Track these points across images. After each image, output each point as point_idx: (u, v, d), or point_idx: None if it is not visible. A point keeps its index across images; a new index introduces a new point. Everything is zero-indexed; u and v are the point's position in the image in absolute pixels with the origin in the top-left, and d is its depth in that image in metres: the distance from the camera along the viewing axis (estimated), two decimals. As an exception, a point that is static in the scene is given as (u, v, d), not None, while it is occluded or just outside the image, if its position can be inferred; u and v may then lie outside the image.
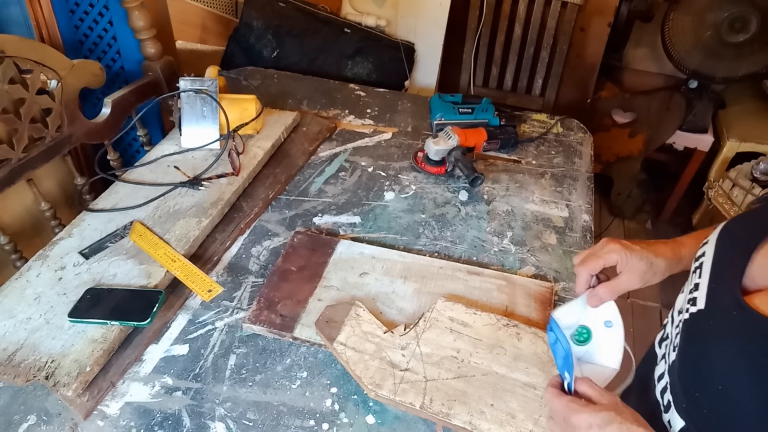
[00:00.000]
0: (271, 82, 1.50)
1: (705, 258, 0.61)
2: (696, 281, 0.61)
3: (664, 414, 0.61)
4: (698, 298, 0.58)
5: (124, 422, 0.72)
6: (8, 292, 0.85)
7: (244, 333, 0.84)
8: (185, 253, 0.92)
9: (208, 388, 0.76)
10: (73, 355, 0.75)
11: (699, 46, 1.84)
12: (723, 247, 0.60)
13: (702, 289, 0.58)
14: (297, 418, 0.73)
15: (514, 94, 1.97)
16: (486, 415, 0.70)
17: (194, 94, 1.12)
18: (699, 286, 0.59)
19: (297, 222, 1.04)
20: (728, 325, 0.53)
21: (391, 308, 0.86)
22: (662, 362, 0.65)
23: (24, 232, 1.16)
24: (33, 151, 1.03)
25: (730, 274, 0.56)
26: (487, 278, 0.91)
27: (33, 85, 1.00)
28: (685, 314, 0.60)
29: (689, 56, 1.89)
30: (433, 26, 1.84)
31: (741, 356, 0.50)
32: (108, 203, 1.02)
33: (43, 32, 1.22)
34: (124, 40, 1.33)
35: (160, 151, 1.15)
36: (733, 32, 1.78)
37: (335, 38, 1.73)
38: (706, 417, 0.54)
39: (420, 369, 0.75)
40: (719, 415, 0.52)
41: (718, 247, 0.61)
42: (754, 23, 1.74)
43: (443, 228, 1.04)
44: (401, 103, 1.43)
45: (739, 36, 1.77)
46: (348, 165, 1.20)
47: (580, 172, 1.20)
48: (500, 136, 1.23)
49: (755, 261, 0.55)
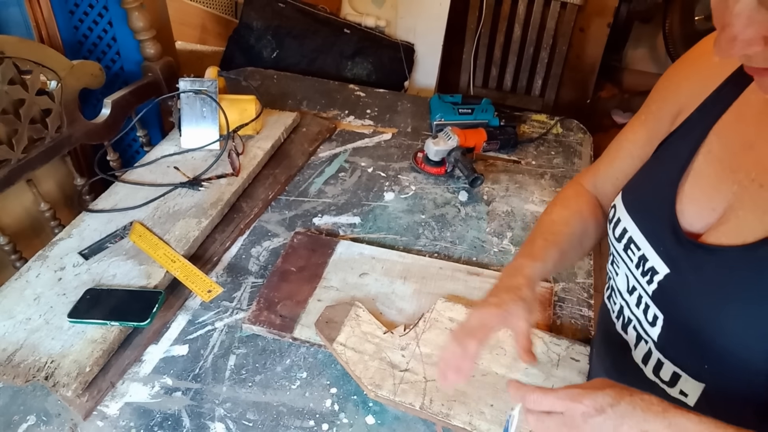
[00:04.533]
0: (271, 82, 1.50)
1: (630, 233, 0.63)
2: (638, 255, 0.61)
3: (670, 389, 0.61)
4: (655, 266, 0.59)
5: (123, 422, 0.72)
6: (8, 292, 0.85)
7: (243, 333, 0.84)
8: (185, 254, 0.92)
9: (208, 389, 0.76)
10: (73, 355, 0.75)
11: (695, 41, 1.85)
12: (640, 214, 0.62)
13: (653, 257, 0.59)
14: (297, 419, 0.73)
15: (513, 95, 1.98)
16: (486, 416, 0.70)
17: (194, 95, 1.12)
18: (647, 257, 0.60)
19: (297, 222, 1.04)
20: (706, 271, 0.54)
21: (390, 309, 0.86)
22: (641, 344, 0.64)
23: (24, 233, 1.16)
24: (33, 151, 1.03)
25: (668, 231, 0.58)
26: (487, 279, 0.91)
27: (33, 85, 1.00)
28: (648, 287, 0.60)
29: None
30: (433, 27, 1.84)
31: (743, 290, 0.51)
32: (108, 204, 1.02)
33: (42, 33, 1.22)
34: (124, 40, 1.33)
35: (160, 152, 1.15)
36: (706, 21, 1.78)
37: (335, 39, 1.73)
38: (724, 369, 0.54)
39: (420, 369, 0.75)
40: (737, 361, 0.52)
41: (636, 218, 0.62)
42: None
43: (443, 228, 1.04)
44: (401, 104, 1.43)
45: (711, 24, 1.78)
46: (348, 165, 1.20)
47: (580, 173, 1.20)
48: (500, 136, 1.23)
49: (683, 210, 0.58)
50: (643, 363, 0.64)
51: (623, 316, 0.67)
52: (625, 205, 0.65)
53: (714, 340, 0.54)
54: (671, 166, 0.61)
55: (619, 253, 0.65)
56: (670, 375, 0.60)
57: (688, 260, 0.56)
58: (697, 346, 0.56)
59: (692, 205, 0.58)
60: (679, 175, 0.60)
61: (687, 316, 0.56)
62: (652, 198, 0.62)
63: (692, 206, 0.58)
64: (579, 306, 0.89)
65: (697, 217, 0.57)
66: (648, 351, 0.63)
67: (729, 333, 0.53)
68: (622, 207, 0.65)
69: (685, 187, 0.59)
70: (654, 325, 0.61)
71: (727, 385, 0.56)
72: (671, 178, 0.60)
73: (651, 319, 0.61)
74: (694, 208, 0.58)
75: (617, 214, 0.66)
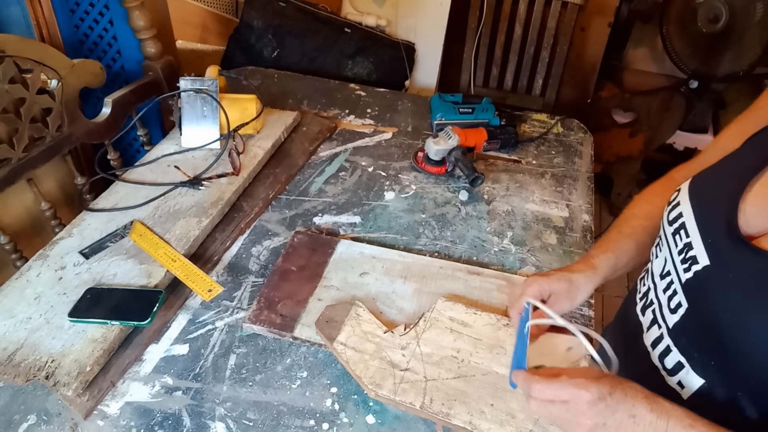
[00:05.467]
0: (272, 81, 1.50)
1: (684, 219, 0.62)
2: (684, 242, 0.61)
3: (670, 377, 0.62)
4: (697, 256, 0.58)
5: (124, 422, 0.72)
6: (8, 291, 0.85)
7: (244, 333, 0.84)
8: (185, 253, 0.92)
9: (208, 388, 0.76)
10: (73, 354, 0.75)
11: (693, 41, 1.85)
12: (700, 204, 0.61)
13: (698, 247, 0.59)
14: (297, 418, 0.73)
15: (514, 94, 1.97)
16: (486, 415, 0.70)
17: (194, 94, 1.12)
18: (692, 246, 0.60)
19: (297, 222, 1.04)
20: (748, 272, 0.54)
21: (391, 308, 0.86)
22: (654, 328, 0.65)
23: (24, 232, 1.16)
24: (33, 150, 1.03)
25: (722, 226, 0.57)
26: (487, 278, 0.91)
27: (33, 84, 1.00)
28: (683, 274, 0.60)
29: (687, 53, 1.89)
30: (434, 26, 1.84)
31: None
32: (108, 203, 1.02)
33: (43, 32, 1.22)
34: (125, 39, 1.32)
35: (161, 151, 1.15)
36: (709, 23, 1.78)
37: (335, 38, 1.72)
38: (731, 370, 0.54)
39: (420, 369, 0.75)
40: (749, 364, 0.53)
41: (695, 206, 0.62)
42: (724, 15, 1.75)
43: (443, 228, 1.04)
44: (401, 103, 1.43)
45: (713, 27, 1.78)
46: (348, 165, 1.20)
47: (581, 172, 1.20)
48: (500, 136, 1.23)
49: (745, 209, 0.57)
50: (652, 347, 0.65)
51: (647, 298, 0.68)
52: (690, 190, 0.64)
53: (732, 339, 0.54)
54: (749, 161, 0.60)
55: (667, 237, 0.65)
56: (674, 363, 0.61)
57: (733, 257, 0.55)
58: (712, 341, 0.56)
59: (756, 206, 0.56)
60: (753, 172, 0.58)
61: (713, 310, 0.56)
62: (718, 187, 0.61)
63: (756, 207, 0.56)
64: (579, 306, 0.89)
65: (758, 218, 0.56)
66: (659, 336, 0.64)
67: (750, 335, 0.52)
68: (686, 192, 0.64)
69: (756, 185, 0.58)
70: (674, 313, 0.61)
71: (727, 386, 0.56)
72: (744, 174, 0.59)
73: (674, 306, 0.61)
74: (757, 209, 0.56)
75: (678, 198, 0.65)
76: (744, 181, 0.58)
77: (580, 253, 0.99)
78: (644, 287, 0.70)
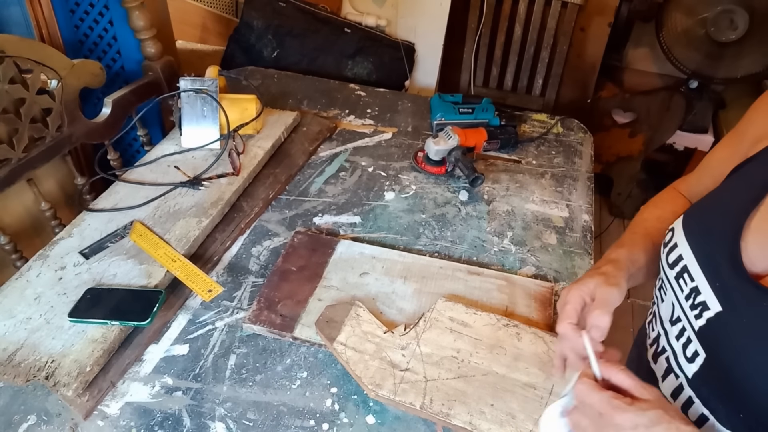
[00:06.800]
0: (271, 82, 1.50)
1: (685, 261, 0.58)
2: (690, 287, 0.58)
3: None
4: (707, 302, 0.55)
5: (124, 422, 0.72)
6: (8, 292, 0.85)
7: (244, 333, 0.84)
8: (185, 253, 0.92)
9: (208, 388, 0.76)
10: (73, 355, 0.75)
11: (694, 45, 1.84)
12: (699, 244, 0.58)
13: (706, 292, 0.55)
14: (297, 418, 0.73)
15: (514, 94, 1.97)
16: (486, 415, 0.70)
17: (194, 94, 1.12)
18: (699, 290, 0.56)
19: (297, 222, 1.04)
20: (765, 316, 0.50)
21: (391, 308, 0.86)
22: (670, 377, 0.61)
23: (24, 232, 1.16)
24: (33, 151, 1.03)
25: (727, 267, 0.54)
26: (487, 278, 0.91)
27: (33, 84, 1.00)
28: (695, 321, 0.56)
29: (686, 56, 1.88)
30: (433, 26, 1.84)
31: None
32: (108, 203, 1.02)
33: (43, 32, 1.22)
34: (125, 39, 1.33)
35: (161, 151, 1.15)
36: (722, 30, 1.77)
37: (335, 38, 1.72)
38: (760, 421, 0.51)
39: (420, 369, 0.75)
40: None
41: (694, 247, 0.58)
42: (742, 21, 1.73)
43: (443, 228, 1.04)
44: (401, 103, 1.43)
45: (730, 34, 1.76)
46: (348, 165, 1.20)
47: (581, 172, 1.20)
48: (500, 136, 1.23)
49: (746, 246, 0.53)
50: (672, 397, 0.61)
51: (657, 344, 0.64)
52: (685, 229, 0.60)
53: (757, 389, 0.50)
54: (743, 195, 0.57)
55: (670, 281, 0.61)
56: (698, 416, 0.57)
57: (745, 300, 0.52)
58: (736, 392, 0.52)
59: (758, 243, 0.53)
60: (750, 206, 0.55)
61: (732, 358, 0.53)
62: (715, 226, 0.57)
63: (758, 244, 0.53)
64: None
65: (762, 255, 0.53)
66: (679, 386, 0.60)
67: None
68: (681, 231, 0.61)
69: (753, 221, 0.54)
70: (692, 362, 0.57)
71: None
72: (741, 208, 0.55)
73: (690, 354, 0.57)
74: (759, 246, 0.53)
75: (674, 239, 0.61)
76: (742, 218, 0.55)
77: (580, 253, 0.99)
78: (653, 332, 0.66)
